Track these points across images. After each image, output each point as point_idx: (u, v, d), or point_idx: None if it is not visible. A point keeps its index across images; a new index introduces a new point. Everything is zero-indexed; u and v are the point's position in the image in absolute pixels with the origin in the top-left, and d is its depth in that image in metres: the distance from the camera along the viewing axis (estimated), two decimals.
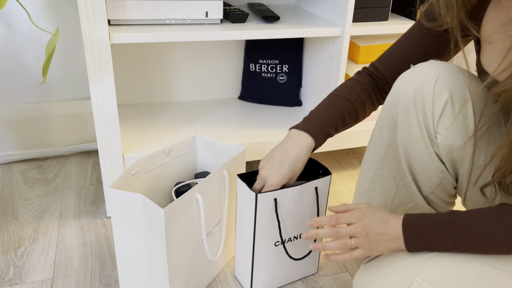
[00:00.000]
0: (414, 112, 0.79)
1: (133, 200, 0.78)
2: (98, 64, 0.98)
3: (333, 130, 0.88)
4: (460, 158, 0.78)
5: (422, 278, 0.72)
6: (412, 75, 0.79)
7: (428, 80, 0.76)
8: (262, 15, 1.19)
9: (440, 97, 0.75)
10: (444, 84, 0.75)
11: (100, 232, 1.10)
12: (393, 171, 0.87)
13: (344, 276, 1.00)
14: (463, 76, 0.76)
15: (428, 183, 0.84)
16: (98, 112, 1.02)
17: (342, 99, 0.89)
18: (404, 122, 0.81)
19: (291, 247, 0.92)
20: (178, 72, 1.43)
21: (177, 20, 1.09)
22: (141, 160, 0.90)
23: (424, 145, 0.80)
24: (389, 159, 0.86)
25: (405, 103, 0.79)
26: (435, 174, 0.82)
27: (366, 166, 0.91)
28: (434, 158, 0.81)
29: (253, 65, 1.44)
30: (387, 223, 0.74)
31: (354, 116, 0.90)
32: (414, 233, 0.73)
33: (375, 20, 1.24)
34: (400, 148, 0.83)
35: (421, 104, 0.77)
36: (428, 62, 0.79)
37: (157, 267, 0.81)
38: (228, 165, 0.91)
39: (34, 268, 0.98)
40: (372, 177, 0.90)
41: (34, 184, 1.28)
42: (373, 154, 0.89)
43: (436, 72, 0.76)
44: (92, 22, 0.94)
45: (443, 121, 0.76)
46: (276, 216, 0.85)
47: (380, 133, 0.86)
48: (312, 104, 1.40)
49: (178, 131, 1.25)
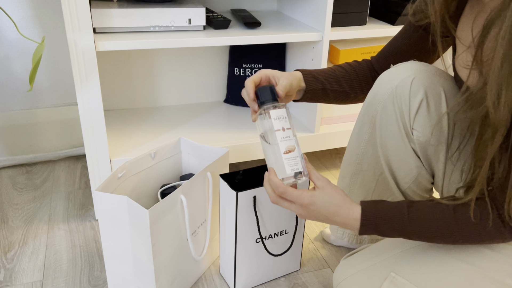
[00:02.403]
0: (392, 110, 0.83)
1: (118, 202, 0.81)
2: (84, 71, 1.01)
3: (325, 82, 0.90)
4: (435, 154, 0.83)
5: (396, 272, 0.76)
6: (390, 75, 0.84)
7: (405, 80, 0.81)
8: (244, 21, 1.22)
9: (416, 96, 0.80)
10: (420, 84, 0.80)
11: (88, 235, 1.13)
12: (373, 167, 0.91)
13: (325, 272, 1.04)
14: (438, 76, 0.81)
15: (405, 178, 0.88)
16: (85, 118, 1.05)
17: (338, 67, 0.93)
18: (382, 119, 0.85)
19: (272, 244, 0.96)
20: (164, 77, 1.46)
21: (161, 28, 1.13)
22: (126, 163, 0.93)
23: (401, 141, 0.84)
24: (369, 155, 0.90)
25: (384, 101, 0.84)
26: (411, 169, 0.86)
27: (347, 161, 0.95)
28: (411, 153, 0.85)
29: (237, 69, 1.48)
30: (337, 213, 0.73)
31: (348, 82, 0.92)
32: (368, 228, 0.73)
33: (353, 25, 1.29)
34: (379, 144, 0.88)
35: (399, 102, 0.82)
36: (407, 63, 0.83)
37: (143, 267, 0.84)
38: (211, 167, 0.94)
39: (24, 270, 1.01)
40: (353, 171, 0.94)
41: (23, 189, 1.31)
42: (354, 150, 0.93)
43: (413, 72, 0.81)
44: (78, 31, 0.97)
45: (418, 118, 0.81)
46: (255, 213, 0.89)
47: (360, 129, 0.90)
48: (296, 106, 1.44)
49: (164, 135, 1.28)
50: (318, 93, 0.90)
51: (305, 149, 1.34)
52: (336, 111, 1.38)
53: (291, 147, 0.75)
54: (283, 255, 0.97)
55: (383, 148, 0.87)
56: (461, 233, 0.69)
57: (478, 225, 0.68)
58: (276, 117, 0.76)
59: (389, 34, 1.27)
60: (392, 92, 0.82)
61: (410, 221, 0.71)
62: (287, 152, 0.75)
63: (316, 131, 1.33)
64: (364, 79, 0.93)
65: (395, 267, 0.76)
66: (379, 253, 0.81)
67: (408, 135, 0.83)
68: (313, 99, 0.92)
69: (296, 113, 1.44)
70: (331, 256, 1.09)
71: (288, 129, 0.76)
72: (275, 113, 0.76)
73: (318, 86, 0.90)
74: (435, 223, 0.70)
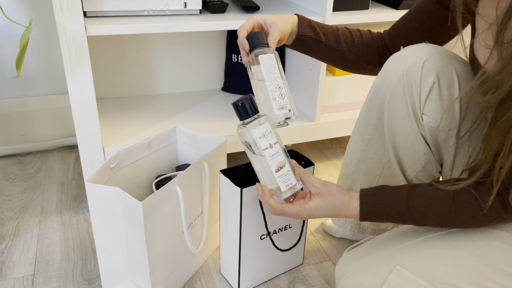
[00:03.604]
0: (401, 93, 0.79)
1: (111, 194, 0.77)
2: (75, 57, 0.96)
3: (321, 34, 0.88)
4: (445, 140, 0.79)
5: (402, 265, 0.73)
6: (401, 57, 0.79)
7: (416, 62, 0.77)
8: (242, 5, 1.18)
9: (427, 79, 0.76)
10: (432, 66, 0.76)
11: (82, 227, 1.09)
12: (379, 154, 0.87)
13: (327, 265, 1.01)
14: (451, 59, 0.77)
15: (412, 166, 0.85)
16: (76, 106, 1.01)
17: (345, 28, 0.91)
18: (391, 103, 0.81)
19: (278, 239, 0.92)
20: (160, 64, 1.42)
21: (155, 11, 1.08)
22: (120, 153, 0.89)
23: (410, 126, 0.80)
24: (376, 141, 0.87)
25: (393, 84, 0.80)
26: (420, 156, 0.83)
27: (352, 148, 0.91)
28: (420, 139, 0.81)
29: (235, 56, 1.43)
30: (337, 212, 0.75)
31: (349, 45, 0.90)
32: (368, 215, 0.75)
33: (355, 9, 1.24)
34: (387, 130, 0.84)
35: (409, 85, 0.78)
36: (418, 45, 0.79)
37: (138, 260, 0.81)
38: (208, 157, 0.90)
39: (15, 264, 0.97)
40: (358, 158, 0.90)
41: (15, 180, 1.27)
42: (360, 136, 0.89)
43: (425, 54, 0.77)
44: (67, 14, 0.92)
45: (429, 102, 0.77)
46: (261, 208, 0.85)
47: (367, 114, 0.86)
48: (296, 94, 1.40)
49: (160, 124, 1.24)
50: (310, 42, 0.88)
51: (305, 138, 1.31)
52: (338, 99, 1.34)
53: (282, 162, 0.74)
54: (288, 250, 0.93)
55: (390, 134, 0.83)
56: (460, 220, 0.70)
57: (478, 213, 0.68)
58: (261, 135, 0.72)
59: (393, 19, 1.22)
60: (402, 75, 0.78)
61: (409, 210, 0.72)
62: (278, 169, 0.73)
63: (317, 120, 1.29)
64: (369, 49, 0.90)
65: (400, 260, 0.74)
66: (384, 246, 0.78)
67: (417, 120, 0.79)
68: (305, 49, 0.89)
69: (297, 101, 1.40)
70: (333, 248, 1.06)
71: (275, 144, 0.73)
72: (259, 131, 0.72)
73: (312, 35, 0.87)
74: (434, 211, 0.70)
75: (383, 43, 0.91)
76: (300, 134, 1.29)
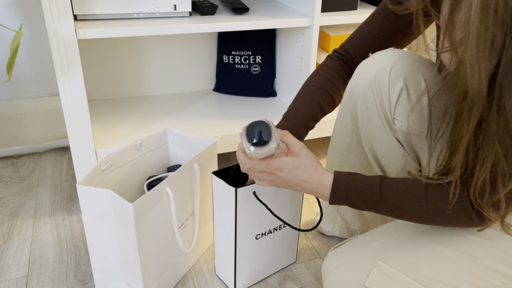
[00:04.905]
0: (372, 100, 0.81)
1: (102, 196, 0.78)
2: (66, 61, 0.97)
3: (313, 122, 0.89)
4: (419, 143, 0.81)
5: (384, 260, 0.75)
6: (368, 65, 0.81)
7: (383, 69, 0.78)
8: (231, 6, 1.19)
9: (395, 85, 0.78)
10: (399, 72, 0.77)
11: (75, 228, 1.10)
12: (359, 158, 0.89)
13: (317, 263, 1.03)
14: (418, 63, 0.78)
15: (392, 168, 0.86)
16: (68, 109, 1.02)
17: (317, 90, 0.89)
18: (364, 110, 0.83)
19: (272, 238, 0.93)
20: (150, 65, 1.43)
21: (145, 14, 1.09)
22: (111, 155, 0.91)
23: (384, 131, 0.82)
24: (354, 146, 0.88)
25: (363, 92, 0.81)
26: (397, 158, 0.85)
27: (332, 154, 0.93)
28: (395, 143, 0.83)
29: (226, 56, 1.45)
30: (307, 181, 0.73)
31: (331, 103, 0.91)
32: (339, 197, 0.73)
33: (344, 10, 1.25)
34: (363, 135, 0.86)
35: (378, 92, 0.79)
36: (385, 51, 0.81)
37: (130, 261, 0.82)
38: (198, 158, 0.92)
39: (8, 266, 0.98)
40: (339, 164, 0.92)
41: (8, 183, 1.28)
42: (339, 142, 0.90)
43: (392, 60, 0.78)
44: (57, 18, 0.93)
45: (399, 107, 0.79)
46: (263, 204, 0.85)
47: (343, 121, 0.88)
48: (286, 94, 1.41)
49: (152, 125, 1.26)
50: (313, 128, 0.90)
51: None
52: None
53: None
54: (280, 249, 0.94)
55: (367, 139, 0.85)
56: (430, 213, 0.69)
57: (447, 207, 0.68)
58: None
59: None
60: (371, 82, 0.80)
61: (381, 196, 0.71)
62: None
63: None
64: (344, 83, 0.90)
65: (382, 256, 0.76)
66: (367, 242, 0.80)
67: (390, 125, 0.81)
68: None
69: (288, 102, 1.42)
70: (323, 246, 1.08)
71: None
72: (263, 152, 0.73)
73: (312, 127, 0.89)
74: (405, 200, 0.70)
75: (345, 66, 0.91)
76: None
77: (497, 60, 0.55)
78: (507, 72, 0.55)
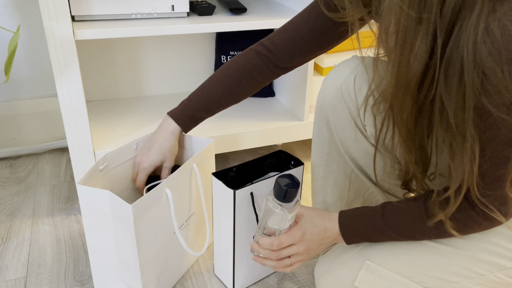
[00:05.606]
0: (341, 110, 0.82)
1: (100, 196, 0.78)
2: (63, 61, 0.97)
3: (206, 113, 0.95)
4: None
5: (371, 260, 0.76)
6: (334, 76, 0.82)
7: (348, 78, 0.80)
8: (229, 7, 1.19)
9: (360, 92, 0.79)
10: (363, 80, 0.79)
11: (74, 229, 1.11)
12: (342, 166, 0.89)
13: (314, 262, 1.03)
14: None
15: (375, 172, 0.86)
16: (66, 109, 1.02)
17: (221, 82, 0.91)
18: (335, 120, 0.84)
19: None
20: (148, 66, 1.43)
21: (143, 15, 1.09)
22: (108, 155, 0.91)
23: (358, 139, 0.83)
24: (334, 155, 0.88)
25: (332, 102, 0.82)
26: (377, 162, 0.84)
27: (315, 164, 0.93)
28: (371, 148, 0.84)
29: (224, 57, 1.45)
30: (325, 231, 0.78)
31: (233, 97, 0.93)
32: (351, 235, 0.77)
33: None
34: (339, 144, 0.86)
35: (346, 101, 0.81)
36: (348, 60, 0.82)
37: (128, 262, 0.82)
38: (196, 158, 0.92)
39: (7, 267, 0.99)
40: (323, 173, 0.92)
41: (6, 183, 1.28)
42: (319, 152, 0.91)
43: (355, 69, 0.80)
44: (55, 19, 0.93)
45: (367, 114, 0.79)
46: (254, 210, 0.86)
47: (319, 132, 0.89)
48: (285, 94, 1.42)
49: (150, 125, 1.26)
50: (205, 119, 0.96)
51: (294, 138, 1.32)
52: None
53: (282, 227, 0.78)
54: None
55: (344, 148, 0.86)
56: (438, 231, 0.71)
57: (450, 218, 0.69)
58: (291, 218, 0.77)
59: None
60: (338, 92, 0.81)
61: (386, 223, 0.74)
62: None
63: (306, 119, 1.30)
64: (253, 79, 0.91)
65: (369, 255, 0.77)
66: (354, 245, 0.81)
67: (362, 132, 0.82)
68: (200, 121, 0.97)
69: (286, 101, 1.42)
70: None
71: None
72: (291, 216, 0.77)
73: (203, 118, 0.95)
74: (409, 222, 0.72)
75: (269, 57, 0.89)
76: (289, 134, 1.31)
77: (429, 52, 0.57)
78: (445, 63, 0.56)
